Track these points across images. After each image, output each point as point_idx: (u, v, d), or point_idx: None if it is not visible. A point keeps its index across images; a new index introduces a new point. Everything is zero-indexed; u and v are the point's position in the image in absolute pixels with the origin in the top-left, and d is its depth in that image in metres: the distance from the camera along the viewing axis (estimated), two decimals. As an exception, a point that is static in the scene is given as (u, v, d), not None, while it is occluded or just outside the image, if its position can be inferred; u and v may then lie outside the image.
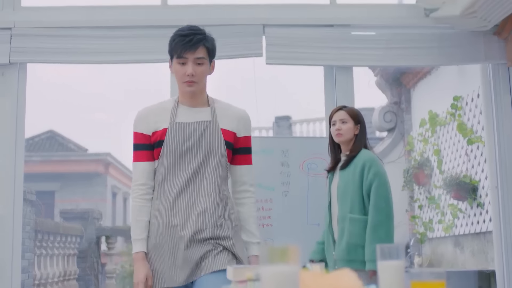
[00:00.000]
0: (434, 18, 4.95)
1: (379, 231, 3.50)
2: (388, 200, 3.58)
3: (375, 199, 3.55)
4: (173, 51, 2.87)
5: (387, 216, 3.55)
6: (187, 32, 2.85)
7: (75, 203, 16.93)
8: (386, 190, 3.58)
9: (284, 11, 4.99)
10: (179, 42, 2.83)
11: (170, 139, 2.82)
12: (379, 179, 3.57)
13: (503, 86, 5.02)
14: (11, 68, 4.77)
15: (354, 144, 3.75)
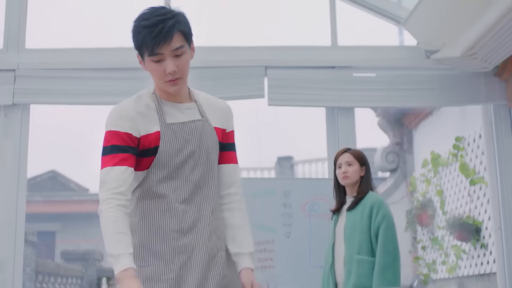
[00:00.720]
0: (435, 59, 4.98)
1: (387, 273, 3.49)
2: (395, 242, 3.59)
3: (383, 241, 3.55)
4: (142, 47, 2.32)
5: (394, 258, 3.54)
6: (154, 21, 2.25)
7: (76, 244, 16.83)
8: (393, 232, 3.59)
9: (286, 53, 5.03)
10: (147, 35, 2.25)
11: (166, 145, 2.29)
12: (387, 221, 3.57)
13: (505, 127, 5.03)
14: (15, 109, 4.80)
15: (361, 186, 3.76)
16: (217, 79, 4.87)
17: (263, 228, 4.46)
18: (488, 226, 6.16)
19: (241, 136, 3.12)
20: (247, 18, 7.49)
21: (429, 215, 7.73)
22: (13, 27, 4.94)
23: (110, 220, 2.18)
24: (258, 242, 4.44)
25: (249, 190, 4.51)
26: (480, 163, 6.29)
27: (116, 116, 2.32)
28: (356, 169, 3.78)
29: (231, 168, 2.47)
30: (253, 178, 12.26)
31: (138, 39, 2.32)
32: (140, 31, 2.29)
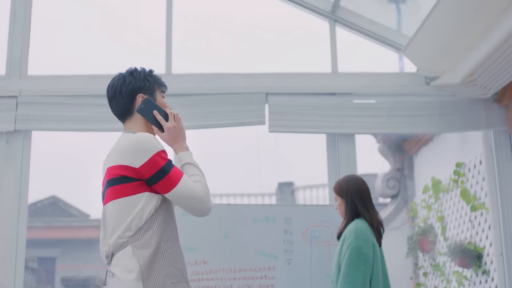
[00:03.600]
0: (435, 86, 5.01)
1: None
2: (357, 272, 3.49)
3: (343, 270, 3.54)
4: (159, 83, 2.75)
5: (353, 287, 3.49)
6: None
7: (76, 269, 16.76)
8: (356, 262, 3.51)
9: (286, 80, 5.06)
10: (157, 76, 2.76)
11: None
12: (350, 251, 3.54)
13: (505, 153, 5.05)
14: (16, 136, 4.82)
15: (345, 218, 3.76)
16: (218, 105, 4.90)
17: (264, 254, 4.45)
18: (489, 252, 6.14)
19: (242, 162, 3.14)
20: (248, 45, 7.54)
21: (430, 241, 7.71)
22: (16, 54, 4.98)
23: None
24: (259, 268, 4.43)
25: (250, 216, 4.52)
26: (481, 189, 6.29)
27: (155, 139, 2.53)
28: (339, 203, 3.80)
29: None
30: (253, 204, 12.26)
31: (154, 77, 2.74)
32: (151, 73, 2.75)
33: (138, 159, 2.44)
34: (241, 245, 4.46)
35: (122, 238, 2.44)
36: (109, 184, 2.50)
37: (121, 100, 2.68)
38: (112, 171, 2.49)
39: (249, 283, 4.38)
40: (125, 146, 2.49)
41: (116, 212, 2.47)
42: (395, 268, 4.86)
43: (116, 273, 2.42)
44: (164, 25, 5.14)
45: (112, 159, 2.52)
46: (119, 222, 2.45)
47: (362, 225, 3.63)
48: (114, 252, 2.45)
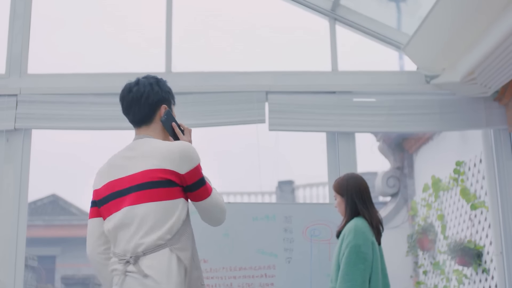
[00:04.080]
0: (435, 84, 5.01)
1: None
2: (356, 271, 3.50)
3: (342, 269, 3.53)
4: (173, 96, 2.89)
5: (353, 286, 3.48)
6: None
7: (76, 268, 16.76)
8: (355, 260, 3.51)
9: (286, 78, 5.06)
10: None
11: None
12: (349, 249, 3.54)
13: (505, 151, 5.05)
14: (16, 134, 4.82)
15: (344, 216, 3.76)
16: (218, 104, 4.90)
17: (264, 253, 4.45)
18: (489, 250, 6.14)
19: (242, 161, 3.19)
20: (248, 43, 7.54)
21: (430, 240, 7.71)
22: (16, 52, 4.98)
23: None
24: (259, 267, 4.43)
25: (250, 214, 4.53)
26: (481, 187, 6.29)
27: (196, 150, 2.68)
28: (338, 201, 3.79)
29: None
30: (253, 203, 12.27)
31: (171, 91, 2.88)
32: (170, 87, 2.88)
33: (185, 166, 2.56)
34: (241, 243, 4.46)
35: (161, 240, 2.50)
36: (149, 186, 2.55)
37: (146, 107, 2.74)
38: (154, 174, 2.55)
39: (249, 281, 4.38)
40: (172, 151, 2.58)
41: (156, 213, 2.52)
42: (395, 266, 4.87)
43: (152, 275, 2.45)
44: (164, 23, 5.14)
45: (151, 162, 2.57)
46: (160, 224, 2.52)
47: (361, 224, 3.63)
48: (146, 252, 2.49)
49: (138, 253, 2.50)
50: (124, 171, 2.64)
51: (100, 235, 2.79)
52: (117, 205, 2.63)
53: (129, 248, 2.53)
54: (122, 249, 2.57)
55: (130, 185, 2.60)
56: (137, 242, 2.51)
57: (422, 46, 4.89)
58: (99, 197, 2.72)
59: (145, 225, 2.52)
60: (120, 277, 2.52)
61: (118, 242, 2.61)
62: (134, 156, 2.65)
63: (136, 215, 2.55)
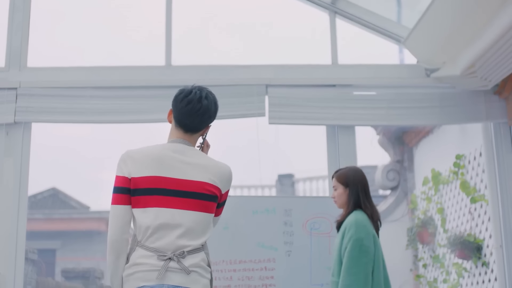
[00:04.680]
0: (435, 78, 5.01)
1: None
2: (360, 264, 3.50)
3: (345, 262, 3.53)
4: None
5: (356, 280, 3.48)
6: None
7: (76, 262, 16.79)
8: (358, 254, 3.52)
9: (286, 72, 5.06)
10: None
11: None
12: (352, 243, 3.54)
13: (505, 144, 5.05)
14: (16, 128, 4.82)
15: (345, 208, 3.76)
16: (218, 97, 4.85)
17: (264, 246, 4.45)
18: (489, 244, 6.15)
19: (241, 154, 3.25)
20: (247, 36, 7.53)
21: (430, 233, 7.72)
22: (15, 45, 4.98)
23: None
24: (259, 260, 4.44)
25: (250, 208, 4.53)
26: (481, 181, 6.29)
27: None
28: (340, 192, 3.78)
29: None
30: (253, 196, 12.27)
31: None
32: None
33: (226, 187, 2.92)
34: (241, 236, 4.46)
35: (201, 245, 2.82)
36: (201, 197, 2.82)
37: (205, 123, 2.96)
38: (210, 188, 2.83)
39: (249, 274, 4.39)
40: (225, 173, 2.90)
41: (203, 222, 2.82)
42: (395, 260, 4.88)
43: (197, 271, 2.76)
44: (164, 17, 5.13)
45: (207, 176, 2.84)
46: (204, 231, 2.83)
47: (362, 217, 3.64)
48: (190, 252, 2.77)
49: (181, 253, 2.74)
50: (178, 173, 2.83)
51: (127, 223, 2.84)
52: (163, 202, 2.79)
53: (172, 247, 2.75)
54: (162, 246, 2.75)
55: (185, 189, 2.81)
56: (184, 244, 2.76)
57: (422, 40, 4.89)
58: (137, 186, 2.81)
59: (193, 231, 2.79)
60: (160, 272, 2.71)
61: (155, 238, 2.76)
62: (188, 162, 2.85)
63: (186, 219, 2.78)
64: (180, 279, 2.72)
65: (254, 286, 4.39)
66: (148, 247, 2.75)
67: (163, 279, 2.70)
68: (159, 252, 2.73)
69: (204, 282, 2.77)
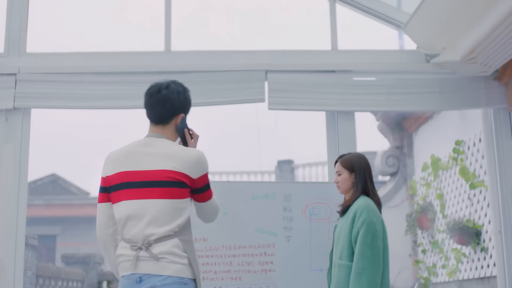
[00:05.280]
0: (435, 63, 4.99)
1: (361, 278, 3.48)
2: (374, 248, 3.53)
3: (360, 246, 3.54)
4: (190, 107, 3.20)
5: (371, 264, 3.50)
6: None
7: (76, 247, 16.83)
8: (372, 238, 3.54)
9: (286, 57, 5.04)
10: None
11: None
12: (366, 226, 3.55)
13: (505, 131, 5.04)
14: (15, 113, 4.81)
15: (352, 192, 3.76)
16: (217, 83, 4.89)
17: (264, 232, 4.46)
18: (488, 229, 6.17)
19: (241, 140, 3.29)
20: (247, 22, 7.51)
21: (429, 219, 7.74)
22: (14, 31, 4.96)
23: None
24: (258, 245, 4.45)
25: (249, 193, 4.53)
26: (480, 166, 6.30)
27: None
28: (345, 177, 3.78)
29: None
30: (253, 181, 12.28)
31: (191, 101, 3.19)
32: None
33: (197, 172, 2.96)
34: (241, 222, 4.47)
35: (172, 231, 2.89)
36: (164, 184, 2.92)
37: (169, 111, 3.08)
38: (171, 175, 2.91)
39: (248, 260, 4.40)
40: (190, 158, 2.96)
41: (167, 209, 2.90)
42: (394, 245, 4.87)
43: (166, 257, 2.86)
44: (163, 2, 5.12)
45: (170, 164, 2.93)
46: (171, 218, 2.91)
47: (371, 202, 3.67)
48: (158, 241, 2.87)
49: (150, 241, 2.87)
50: (141, 165, 2.97)
51: (109, 219, 3.05)
52: (129, 195, 2.95)
53: (141, 237, 2.89)
54: (133, 237, 2.92)
55: (147, 180, 2.94)
56: (151, 232, 2.88)
57: (422, 25, 4.87)
58: (110, 184, 3.02)
59: (159, 218, 2.90)
60: (132, 262, 2.88)
61: (127, 229, 2.95)
62: (152, 153, 2.98)
63: (151, 208, 2.90)
64: (150, 266, 2.86)
65: (254, 271, 4.41)
66: (125, 239, 2.96)
67: (135, 268, 2.88)
68: (132, 243, 2.91)
69: (175, 268, 2.86)
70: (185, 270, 2.89)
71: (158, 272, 2.85)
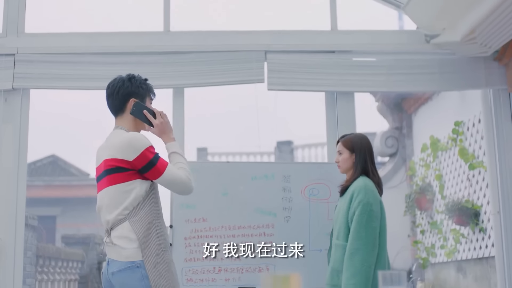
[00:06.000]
0: (434, 44, 4.98)
1: (355, 258, 3.49)
2: (368, 229, 3.53)
3: (354, 226, 3.55)
4: (150, 91, 3.35)
5: (365, 244, 3.51)
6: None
7: (76, 228, 16.89)
8: (368, 219, 3.54)
9: (286, 37, 5.03)
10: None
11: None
12: (361, 207, 3.56)
13: (504, 111, 5.04)
14: (14, 94, 4.81)
15: (352, 172, 3.77)
16: (216, 63, 4.88)
17: (263, 212, 4.48)
18: (487, 210, 6.19)
19: (240, 121, 3.30)
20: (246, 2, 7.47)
21: (428, 200, 7.76)
22: (12, 11, 4.94)
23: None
24: (257, 226, 4.46)
25: (249, 174, 4.54)
26: (479, 147, 6.31)
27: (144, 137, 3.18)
28: (345, 157, 3.78)
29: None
30: (252, 162, 12.28)
31: (148, 86, 3.34)
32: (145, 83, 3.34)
33: (132, 154, 3.07)
34: (240, 202, 4.48)
35: (120, 215, 3.08)
36: (107, 173, 3.13)
37: (116, 99, 3.26)
38: (109, 162, 3.11)
39: (248, 240, 4.42)
40: (121, 143, 3.11)
41: (114, 194, 3.11)
42: (393, 226, 4.89)
43: (117, 243, 3.07)
44: (162, -18, 5.09)
45: (108, 152, 3.14)
46: (117, 203, 3.10)
47: (369, 183, 3.67)
48: (113, 226, 3.10)
49: (108, 228, 3.13)
50: (98, 160, 3.26)
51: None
52: (97, 188, 3.25)
53: (105, 224, 3.16)
54: (104, 225, 3.19)
55: (99, 173, 3.22)
56: (107, 219, 3.13)
57: (422, 5, 4.85)
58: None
59: (109, 205, 3.13)
60: (105, 247, 3.20)
61: (102, 219, 3.22)
62: (104, 147, 3.24)
63: (104, 197, 3.16)
64: (111, 251, 3.13)
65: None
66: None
67: (106, 253, 3.19)
68: (105, 230, 3.19)
69: (125, 254, 3.05)
70: (136, 253, 3.04)
71: (116, 257, 3.09)
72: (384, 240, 3.63)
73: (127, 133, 3.17)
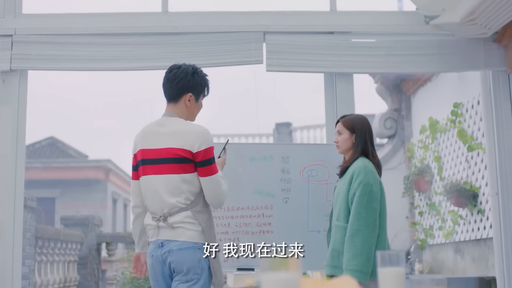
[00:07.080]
0: (434, 25, 4.96)
1: (356, 239, 3.50)
2: (369, 209, 3.53)
3: (355, 207, 3.55)
4: (207, 88, 3.49)
5: (366, 225, 3.51)
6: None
7: (75, 210, 16.92)
8: (368, 199, 3.54)
9: (284, 18, 5.00)
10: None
11: None
12: (362, 188, 3.55)
13: (503, 93, 5.03)
14: (12, 75, 4.79)
15: (351, 153, 3.76)
16: (215, 44, 4.86)
17: (261, 193, 4.48)
18: (485, 192, 6.20)
19: (239, 102, 3.34)
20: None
21: (426, 181, 7.77)
22: (10, -8, 4.90)
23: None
24: (256, 207, 4.47)
25: (247, 155, 4.54)
26: (478, 129, 6.30)
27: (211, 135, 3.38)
28: (345, 137, 3.76)
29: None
30: (251, 143, 12.29)
31: (207, 83, 3.48)
32: (205, 79, 3.48)
33: (197, 145, 3.24)
34: (239, 183, 4.48)
35: (182, 204, 3.26)
36: (172, 161, 3.26)
37: (175, 89, 3.38)
38: (177, 151, 3.25)
39: (246, 221, 4.43)
40: (193, 133, 3.27)
41: (175, 183, 3.25)
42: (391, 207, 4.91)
43: (180, 226, 3.24)
44: (160, -38, 5.05)
45: (175, 141, 3.26)
46: (179, 191, 3.26)
47: (369, 164, 3.66)
48: (171, 213, 3.26)
49: (165, 214, 3.26)
50: (154, 143, 3.32)
51: (140, 194, 3.43)
52: (147, 170, 3.33)
53: (159, 209, 3.28)
54: (153, 209, 3.32)
55: (158, 157, 3.29)
56: (162, 205, 3.27)
57: (422, -14, 4.83)
58: (136, 162, 3.42)
59: (169, 192, 3.25)
60: (155, 230, 3.31)
61: (148, 202, 3.36)
62: (162, 132, 3.32)
63: (162, 183, 3.27)
64: (168, 233, 3.26)
65: (252, 232, 4.44)
66: (149, 210, 3.37)
67: (158, 235, 3.30)
68: (153, 214, 3.33)
69: (189, 234, 3.24)
70: (199, 236, 3.24)
71: (175, 238, 3.24)
72: (384, 221, 3.63)
73: (196, 125, 3.36)
